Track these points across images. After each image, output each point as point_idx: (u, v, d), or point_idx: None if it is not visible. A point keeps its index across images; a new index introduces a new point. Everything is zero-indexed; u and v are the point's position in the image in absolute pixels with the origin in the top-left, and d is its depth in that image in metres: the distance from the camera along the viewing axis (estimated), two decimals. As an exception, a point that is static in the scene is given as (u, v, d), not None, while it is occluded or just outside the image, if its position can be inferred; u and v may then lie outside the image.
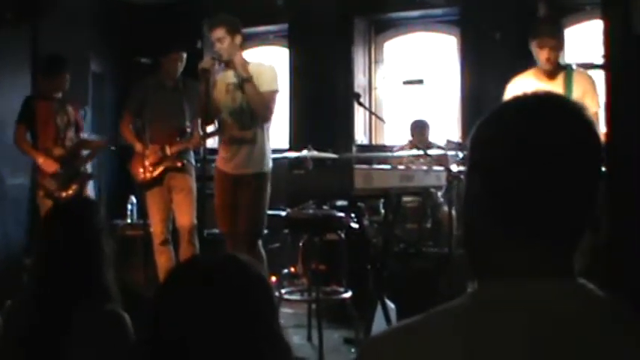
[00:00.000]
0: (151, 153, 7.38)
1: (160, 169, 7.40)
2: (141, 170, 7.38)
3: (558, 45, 6.04)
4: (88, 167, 7.79)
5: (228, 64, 6.52)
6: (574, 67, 6.14)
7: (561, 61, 6.14)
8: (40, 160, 7.38)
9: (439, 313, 1.41)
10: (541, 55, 6.01)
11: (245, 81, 6.38)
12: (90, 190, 7.74)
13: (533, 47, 6.05)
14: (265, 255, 6.65)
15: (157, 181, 7.43)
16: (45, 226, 3.28)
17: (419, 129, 8.72)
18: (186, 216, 7.38)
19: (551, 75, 6.04)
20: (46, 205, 7.39)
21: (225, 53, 6.47)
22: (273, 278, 7.00)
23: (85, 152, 7.69)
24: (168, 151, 7.37)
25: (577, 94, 5.81)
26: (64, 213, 3.29)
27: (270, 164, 6.69)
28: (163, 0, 10.81)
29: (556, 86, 5.90)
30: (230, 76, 6.56)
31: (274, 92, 6.54)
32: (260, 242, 6.64)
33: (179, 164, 7.41)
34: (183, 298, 1.76)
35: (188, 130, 7.52)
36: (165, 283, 1.86)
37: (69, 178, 7.43)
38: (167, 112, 7.44)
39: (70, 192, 7.40)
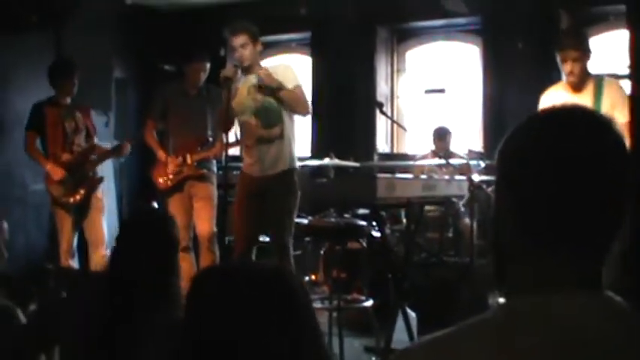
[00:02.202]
0: (173, 161, 7.40)
1: (181, 177, 7.42)
2: (162, 178, 7.41)
3: (582, 56, 5.96)
4: (98, 171, 7.76)
5: (249, 70, 6.53)
6: (605, 77, 6.07)
7: (591, 72, 6.06)
8: (48, 167, 7.39)
9: (470, 326, 1.41)
10: (564, 68, 5.98)
11: (277, 90, 6.37)
12: (100, 193, 7.70)
13: (558, 60, 6.02)
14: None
15: (177, 189, 7.45)
16: (125, 237, 3.32)
17: (441, 136, 8.70)
18: (205, 224, 7.39)
19: (578, 87, 5.98)
20: (58, 212, 7.43)
21: (247, 60, 6.48)
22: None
23: (94, 157, 7.68)
24: (189, 159, 7.39)
25: (606, 105, 5.75)
26: (145, 226, 3.36)
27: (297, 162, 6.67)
28: (186, 6, 10.86)
29: (585, 98, 5.85)
30: (250, 80, 6.55)
31: (301, 87, 6.53)
32: (291, 249, 6.58)
33: (200, 173, 7.43)
34: (211, 306, 1.77)
35: (210, 138, 7.53)
36: (196, 289, 1.87)
37: (76, 183, 7.43)
38: (190, 120, 7.46)
39: (78, 197, 7.40)
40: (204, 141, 7.52)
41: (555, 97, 6.03)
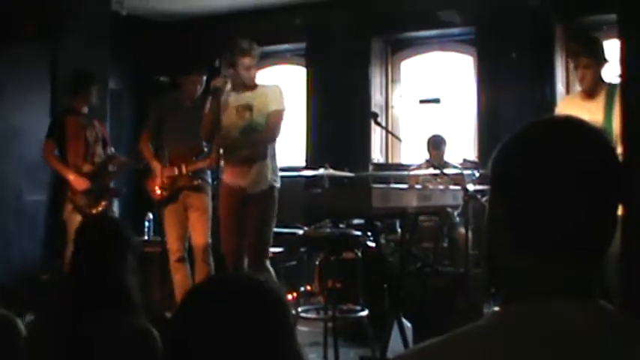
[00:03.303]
0: (168, 172, 7.41)
1: (176, 187, 7.43)
2: (157, 188, 7.42)
3: (593, 63, 5.90)
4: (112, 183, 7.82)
5: (245, 87, 6.61)
6: (618, 84, 5.98)
7: (605, 79, 5.99)
8: (71, 177, 7.40)
9: (463, 334, 1.42)
10: (577, 75, 5.96)
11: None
12: (115, 206, 7.76)
13: (572, 66, 5.99)
14: (281, 272, 6.67)
15: (173, 199, 7.46)
16: (77, 240, 3.34)
17: (436, 144, 8.68)
18: (200, 235, 7.40)
19: (590, 94, 5.94)
20: (74, 219, 7.42)
21: (252, 80, 6.58)
22: (292, 295, 7.02)
23: (112, 168, 7.72)
24: (184, 170, 7.40)
25: (618, 111, 5.68)
26: (96, 228, 3.38)
27: (279, 180, 6.74)
28: (181, 18, 10.88)
29: (596, 105, 5.79)
30: (242, 99, 6.63)
31: (281, 111, 6.62)
32: (267, 260, 6.69)
33: (195, 183, 7.44)
34: (201, 318, 1.78)
35: (205, 149, 7.54)
36: (182, 304, 1.88)
37: (98, 195, 7.47)
38: (185, 131, 7.46)
39: (100, 208, 7.43)
40: (200, 152, 7.53)
41: (568, 103, 6.03)
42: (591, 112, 5.10)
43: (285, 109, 6.71)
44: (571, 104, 6.03)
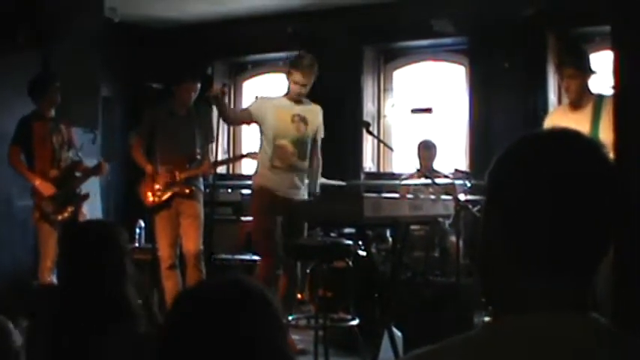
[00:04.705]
0: (161, 178, 7.41)
1: (169, 194, 7.42)
2: (149, 194, 7.41)
3: (580, 74, 5.90)
4: (83, 188, 7.75)
5: (295, 99, 6.95)
6: (606, 96, 5.83)
7: (592, 90, 5.98)
8: (37, 182, 7.35)
9: (453, 344, 1.41)
10: (563, 85, 5.97)
11: None
12: (86, 211, 7.69)
13: (558, 78, 6.00)
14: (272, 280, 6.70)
15: (165, 206, 7.45)
16: (65, 248, 3.29)
17: (426, 149, 8.67)
18: (192, 242, 7.39)
19: (577, 105, 5.92)
20: (43, 227, 7.39)
21: (299, 95, 6.93)
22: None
23: (78, 173, 7.66)
24: (177, 176, 7.39)
25: (605, 122, 5.56)
26: (86, 235, 3.29)
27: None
28: (174, 25, 10.88)
29: (583, 116, 5.76)
30: (296, 108, 6.90)
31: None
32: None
33: (187, 190, 7.43)
34: (189, 325, 1.77)
35: (198, 156, 7.54)
36: (171, 310, 1.87)
37: (65, 200, 7.41)
38: (178, 138, 7.47)
39: (66, 214, 7.37)
40: (193, 159, 7.52)
41: (555, 116, 6.04)
42: (577, 123, 5.08)
43: None
44: (559, 116, 6.04)
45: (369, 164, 10.15)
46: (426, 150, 8.61)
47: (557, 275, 1.39)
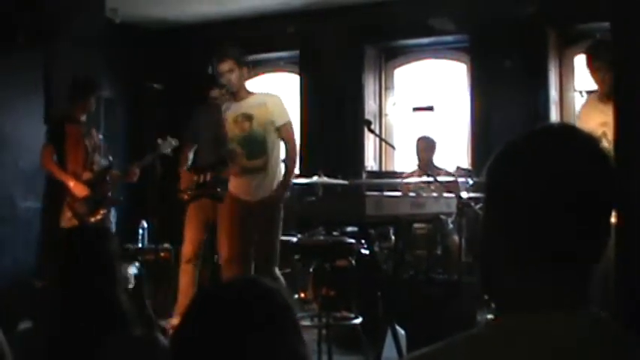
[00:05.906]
0: (192, 178, 7.36)
1: (200, 194, 7.38)
2: (185, 189, 7.38)
3: (612, 67, 5.86)
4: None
5: (237, 96, 6.59)
6: None
7: None
8: (71, 183, 7.36)
9: (457, 342, 1.42)
10: (596, 78, 5.91)
11: None
12: (113, 217, 7.73)
13: (589, 70, 5.92)
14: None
15: (198, 205, 7.42)
16: (58, 252, 3.28)
17: (424, 144, 8.66)
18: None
19: (609, 97, 5.90)
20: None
21: (234, 85, 6.54)
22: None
23: (108, 178, 7.68)
24: (208, 177, 7.36)
25: None
26: (78, 239, 3.30)
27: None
28: (175, 25, 10.88)
29: (610, 109, 5.74)
30: (239, 108, 6.63)
31: (291, 123, 6.66)
32: (277, 268, 6.67)
33: (219, 191, 7.39)
34: (205, 324, 1.78)
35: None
36: (188, 310, 1.88)
37: (97, 203, 7.44)
38: (213, 140, 7.45)
39: (99, 217, 7.40)
40: (225, 161, 7.52)
41: (589, 108, 5.99)
42: (609, 115, 5.05)
43: (291, 120, 6.77)
44: (592, 107, 5.98)
45: (370, 163, 10.15)
46: (425, 145, 8.60)
47: (558, 271, 1.40)
